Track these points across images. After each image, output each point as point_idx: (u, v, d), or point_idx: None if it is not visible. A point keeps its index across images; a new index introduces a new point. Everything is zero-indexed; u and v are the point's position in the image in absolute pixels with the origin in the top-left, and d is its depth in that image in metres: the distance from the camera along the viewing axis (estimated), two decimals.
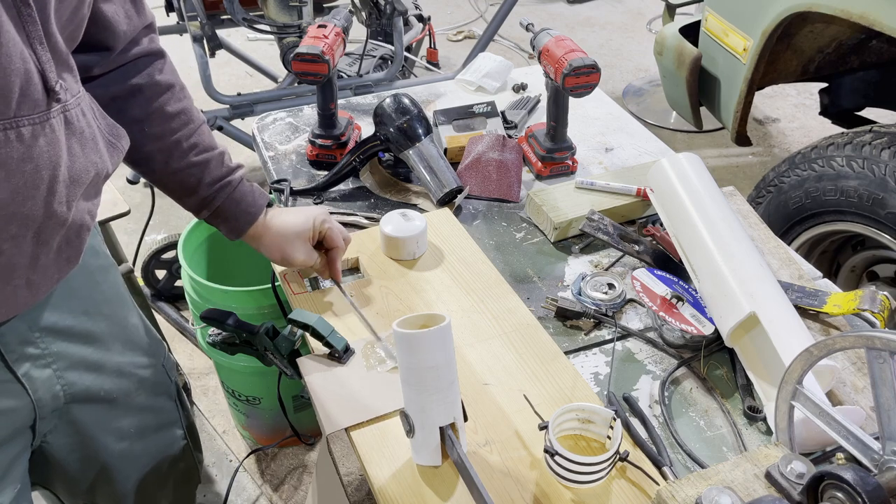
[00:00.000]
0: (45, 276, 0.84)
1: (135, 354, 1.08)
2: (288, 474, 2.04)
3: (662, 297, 1.10)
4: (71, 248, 0.86)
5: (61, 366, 0.95)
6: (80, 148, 0.81)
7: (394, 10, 2.51)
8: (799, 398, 0.81)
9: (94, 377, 1.01)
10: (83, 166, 0.82)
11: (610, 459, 0.85)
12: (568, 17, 4.67)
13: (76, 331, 0.97)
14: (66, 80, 0.78)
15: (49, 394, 0.95)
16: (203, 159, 1.03)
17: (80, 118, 0.81)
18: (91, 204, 0.88)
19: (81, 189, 0.83)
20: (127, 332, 1.07)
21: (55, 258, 0.84)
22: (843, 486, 0.67)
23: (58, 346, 0.94)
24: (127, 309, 1.08)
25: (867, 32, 2.18)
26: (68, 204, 0.81)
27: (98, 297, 1.01)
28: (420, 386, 0.84)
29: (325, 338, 1.00)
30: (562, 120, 1.45)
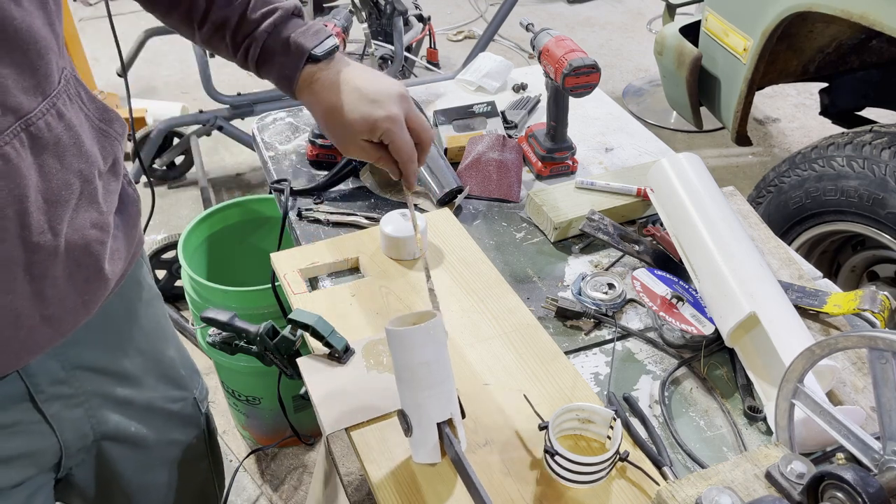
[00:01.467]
0: (64, 307, 0.78)
1: (167, 388, 1.03)
2: (288, 474, 2.04)
3: (662, 297, 1.10)
4: (84, 269, 0.79)
5: (93, 405, 0.91)
6: (57, 161, 0.73)
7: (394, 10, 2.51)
8: (799, 396, 0.81)
9: (124, 414, 0.96)
10: (63, 181, 0.73)
11: (610, 459, 0.85)
12: (568, 17, 4.67)
13: (111, 368, 0.92)
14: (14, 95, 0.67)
15: (77, 434, 0.90)
16: (221, 17, 0.91)
17: (52, 125, 0.72)
18: (94, 213, 0.79)
19: (69, 207, 0.75)
20: (162, 367, 1.02)
21: (68, 285, 0.77)
22: (843, 486, 0.67)
23: (92, 384, 0.89)
24: (165, 342, 1.03)
25: (867, 32, 2.18)
26: (53, 230, 0.73)
27: (136, 333, 0.95)
28: (413, 382, 0.84)
29: (325, 338, 0.99)
30: (562, 120, 1.45)
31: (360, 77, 0.91)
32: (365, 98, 0.90)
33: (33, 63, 0.68)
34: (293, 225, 1.36)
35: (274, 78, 0.93)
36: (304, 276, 1.20)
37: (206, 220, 1.95)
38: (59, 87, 0.73)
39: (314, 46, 0.90)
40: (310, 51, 0.90)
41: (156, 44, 3.17)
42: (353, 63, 0.93)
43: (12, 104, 0.66)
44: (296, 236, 1.35)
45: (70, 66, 0.77)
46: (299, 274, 1.19)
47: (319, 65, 0.91)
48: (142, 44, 3.01)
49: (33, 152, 0.69)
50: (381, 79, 0.92)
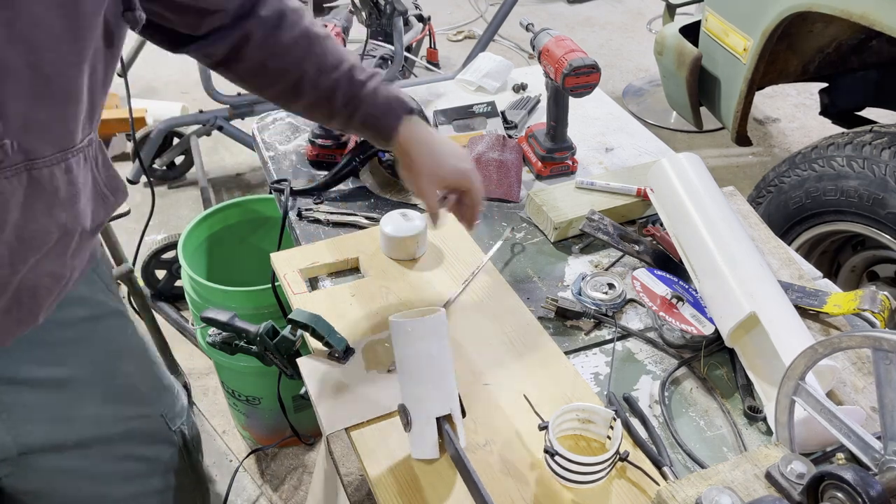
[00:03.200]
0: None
1: (120, 405, 1.01)
2: (288, 474, 2.04)
3: (662, 297, 1.10)
4: (23, 309, 0.80)
5: (15, 416, 0.89)
6: (46, 208, 0.75)
7: (394, 10, 2.51)
8: (801, 394, 0.81)
9: (61, 427, 0.94)
10: (42, 227, 0.75)
11: (610, 459, 0.85)
12: (568, 17, 4.67)
13: (42, 381, 0.90)
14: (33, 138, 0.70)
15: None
16: (332, 81, 1.00)
17: (56, 176, 0.74)
18: (57, 266, 0.81)
19: (37, 252, 0.76)
20: (113, 383, 1.00)
21: (2, 320, 0.78)
22: (843, 486, 0.67)
23: (11, 396, 0.88)
24: (119, 359, 1.01)
25: (867, 32, 2.18)
26: (12, 267, 0.74)
27: (79, 348, 0.94)
28: (415, 375, 0.85)
29: (325, 338, 0.99)
30: (562, 120, 1.45)
31: (439, 137, 1.08)
32: (453, 155, 1.07)
33: (64, 120, 0.73)
34: (293, 225, 1.36)
35: (372, 132, 1.06)
36: (304, 276, 1.20)
37: (206, 220, 1.95)
38: (80, 145, 0.77)
39: (409, 103, 1.05)
40: (409, 107, 1.05)
41: None
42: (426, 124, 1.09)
43: (28, 146, 0.69)
44: (296, 236, 1.35)
45: (96, 133, 0.82)
46: (299, 274, 1.19)
47: (413, 120, 1.05)
48: (142, 44, 3.01)
49: (26, 192, 0.72)
50: (452, 142, 1.11)
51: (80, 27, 0.68)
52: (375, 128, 1.04)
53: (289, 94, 1.03)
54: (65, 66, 0.69)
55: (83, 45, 0.69)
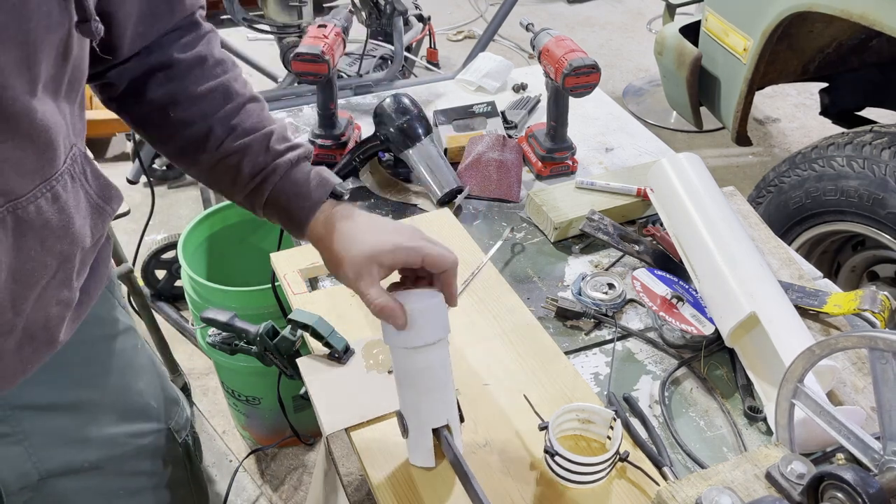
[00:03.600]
0: (4, 375, 0.76)
1: (133, 423, 0.99)
2: (288, 474, 2.04)
3: (662, 297, 1.10)
4: (37, 341, 0.77)
5: (35, 442, 0.87)
6: (39, 243, 0.70)
7: (394, 9, 2.51)
8: (800, 397, 0.81)
9: (78, 450, 0.92)
10: (39, 262, 0.71)
11: (610, 460, 0.84)
12: (568, 17, 4.67)
13: (60, 405, 0.88)
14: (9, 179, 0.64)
15: (16, 472, 0.87)
16: (241, 145, 0.83)
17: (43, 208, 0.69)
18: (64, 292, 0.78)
19: (38, 286, 0.73)
20: (127, 401, 0.98)
21: (15, 356, 0.76)
22: (843, 486, 0.67)
23: (32, 422, 0.86)
24: (132, 375, 0.98)
25: (867, 32, 2.17)
26: (15, 309, 0.71)
27: (96, 369, 0.92)
28: (413, 386, 0.83)
29: (325, 338, 0.99)
30: (562, 120, 1.45)
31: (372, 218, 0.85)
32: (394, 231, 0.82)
33: (39, 150, 0.67)
34: None
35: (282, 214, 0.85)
36: (304, 276, 1.20)
37: (206, 220, 1.95)
38: (63, 167, 0.71)
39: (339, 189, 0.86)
40: (336, 189, 0.85)
41: None
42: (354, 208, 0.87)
43: (6, 189, 0.64)
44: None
45: (81, 143, 0.75)
46: (299, 274, 1.19)
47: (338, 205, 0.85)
48: None
49: (14, 234, 0.68)
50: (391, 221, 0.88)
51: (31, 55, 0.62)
52: (286, 209, 0.84)
53: (188, 152, 0.85)
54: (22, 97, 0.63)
55: (37, 72, 0.63)
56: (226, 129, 0.83)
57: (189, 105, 0.83)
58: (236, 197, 0.87)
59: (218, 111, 0.83)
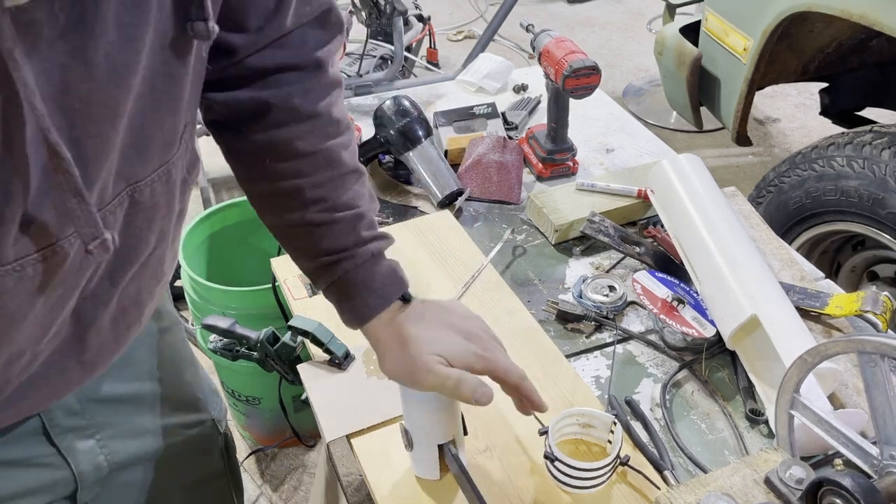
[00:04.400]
0: (101, 354, 0.76)
1: (183, 414, 1.00)
2: (288, 475, 2.04)
3: (663, 299, 1.10)
4: (128, 316, 0.77)
5: (105, 435, 0.88)
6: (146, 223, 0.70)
7: (394, 9, 2.51)
8: (797, 407, 0.81)
9: (139, 442, 0.94)
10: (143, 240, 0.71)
11: (610, 464, 0.84)
12: (568, 17, 4.66)
13: (126, 398, 0.90)
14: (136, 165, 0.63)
15: (92, 465, 0.88)
16: (327, 220, 0.78)
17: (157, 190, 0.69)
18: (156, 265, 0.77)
19: (138, 262, 0.73)
20: (178, 393, 0.99)
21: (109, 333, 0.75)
22: (841, 492, 0.67)
23: (103, 415, 0.87)
24: (182, 368, 1.01)
25: (867, 32, 2.17)
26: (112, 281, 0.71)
27: (154, 362, 0.93)
28: (418, 404, 0.81)
29: (326, 344, 0.99)
30: (562, 121, 1.45)
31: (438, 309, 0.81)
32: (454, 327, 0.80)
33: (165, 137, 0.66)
34: None
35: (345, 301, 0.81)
36: (305, 281, 1.20)
37: (206, 220, 1.95)
38: (179, 148, 0.70)
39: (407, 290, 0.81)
40: (406, 291, 0.81)
41: None
42: None
43: (127, 174, 0.64)
44: None
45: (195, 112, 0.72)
46: (299, 279, 1.19)
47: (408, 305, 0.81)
48: None
49: (126, 215, 0.66)
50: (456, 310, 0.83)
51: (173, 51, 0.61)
52: (350, 297, 0.80)
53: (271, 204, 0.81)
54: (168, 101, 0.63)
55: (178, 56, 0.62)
56: (317, 197, 0.78)
57: (287, 159, 0.77)
58: (302, 263, 0.83)
59: (313, 175, 0.78)
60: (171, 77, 0.63)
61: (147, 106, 0.61)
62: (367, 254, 0.79)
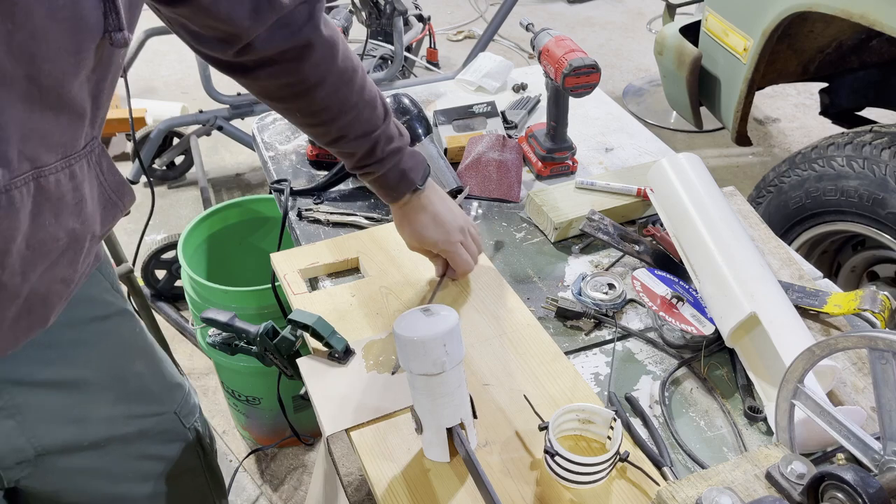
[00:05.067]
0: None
1: (132, 404, 1.01)
2: (288, 474, 2.04)
3: (663, 297, 1.10)
4: (33, 315, 0.81)
5: (29, 418, 0.90)
6: (54, 216, 0.75)
7: (394, 9, 2.51)
8: (800, 397, 0.81)
9: (75, 428, 0.95)
10: (52, 235, 0.76)
11: (610, 460, 0.84)
12: (568, 17, 4.67)
13: (51, 382, 0.91)
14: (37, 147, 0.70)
15: (10, 446, 0.89)
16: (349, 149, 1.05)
17: (62, 182, 0.74)
18: (69, 271, 0.82)
19: (48, 259, 0.77)
20: (124, 383, 1.00)
21: (10, 328, 0.79)
22: (843, 486, 0.67)
23: (24, 398, 0.89)
24: (127, 359, 1.01)
25: (867, 32, 2.18)
26: (23, 275, 0.75)
27: (86, 350, 0.95)
28: (426, 389, 0.83)
29: (325, 338, 0.99)
30: (562, 120, 1.45)
31: (437, 204, 1.13)
32: (438, 224, 1.12)
33: (65, 127, 0.73)
34: (293, 225, 1.36)
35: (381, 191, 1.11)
36: (304, 276, 1.20)
37: (206, 220, 1.95)
38: (82, 151, 0.77)
39: (419, 179, 1.10)
40: (416, 184, 1.10)
41: (155, 44, 3.17)
42: (434, 188, 1.14)
43: (33, 155, 0.70)
44: (296, 236, 1.35)
45: (100, 139, 0.82)
46: (299, 274, 1.19)
47: (416, 192, 1.11)
48: (141, 44, 3.01)
49: (35, 202, 0.72)
50: (452, 210, 1.14)
51: (81, 41, 0.67)
52: (384, 188, 1.10)
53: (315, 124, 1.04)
54: (64, 77, 0.68)
55: (83, 56, 0.69)
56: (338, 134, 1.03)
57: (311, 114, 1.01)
58: (342, 158, 1.10)
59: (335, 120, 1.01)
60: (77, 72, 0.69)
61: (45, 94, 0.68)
62: (384, 167, 1.08)
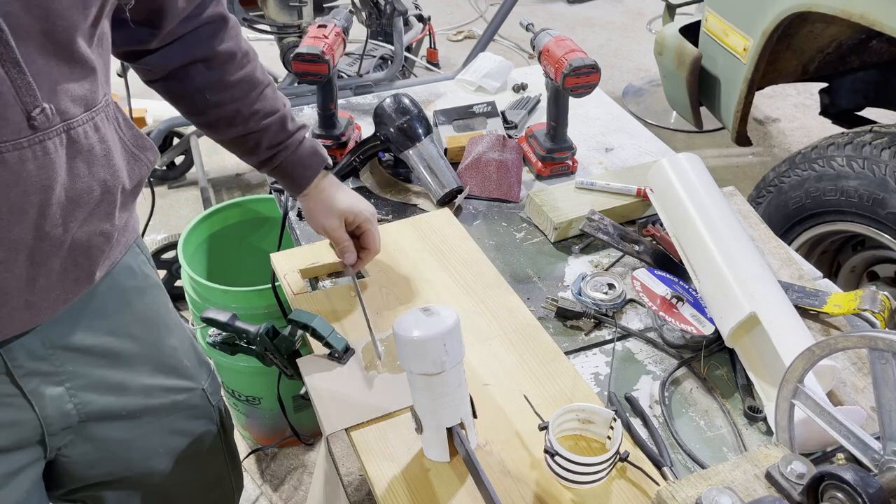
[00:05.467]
0: (47, 298, 0.82)
1: (168, 378, 1.04)
2: (288, 474, 2.04)
3: (662, 297, 1.10)
4: (79, 269, 0.84)
5: (76, 384, 0.92)
6: (87, 166, 0.79)
7: (394, 10, 2.51)
8: (800, 397, 0.81)
9: (116, 397, 0.97)
10: (87, 186, 0.80)
11: (610, 460, 0.84)
12: (568, 17, 4.67)
13: (97, 350, 0.93)
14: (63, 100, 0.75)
15: (58, 411, 0.91)
16: (263, 126, 1.06)
17: (89, 134, 0.79)
18: (106, 224, 0.85)
19: (85, 210, 0.81)
20: (161, 355, 1.03)
21: (59, 280, 0.82)
22: (843, 486, 0.67)
23: (74, 364, 0.91)
24: (164, 332, 1.04)
25: (867, 32, 2.18)
26: (65, 226, 0.79)
27: (128, 319, 0.97)
28: (426, 389, 0.83)
29: (325, 338, 0.99)
30: (562, 120, 1.45)
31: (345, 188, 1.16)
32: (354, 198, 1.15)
33: (82, 81, 0.78)
34: (293, 225, 1.36)
35: (287, 179, 1.12)
36: (305, 276, 1.20)
37: (206, 220, 1.95)
38: (101, 106, 0.82)
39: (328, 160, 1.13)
40: (327, 162, 1.13)
41: None
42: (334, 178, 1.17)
43: (61, 108, 0.75)
44: (296, 236, 1.35)
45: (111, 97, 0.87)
46: (299, 274, 1.19)
47: (326, 175, 1.13)
48: None
49: (68, 153, 0.77)
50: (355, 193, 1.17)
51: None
52: (291, 176, 1.11)
53: (216, 126, 1.07)
54: (76, 31, 0.74)
55: (89, 12, 0.75)
56: (250, 111, 1.05)
57: (223, 91, 1.02)
58: (249, 160, 1.11)
59: (245, 97, 1.04)
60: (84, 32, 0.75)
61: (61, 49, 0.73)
62: (296, 142, 1.10)
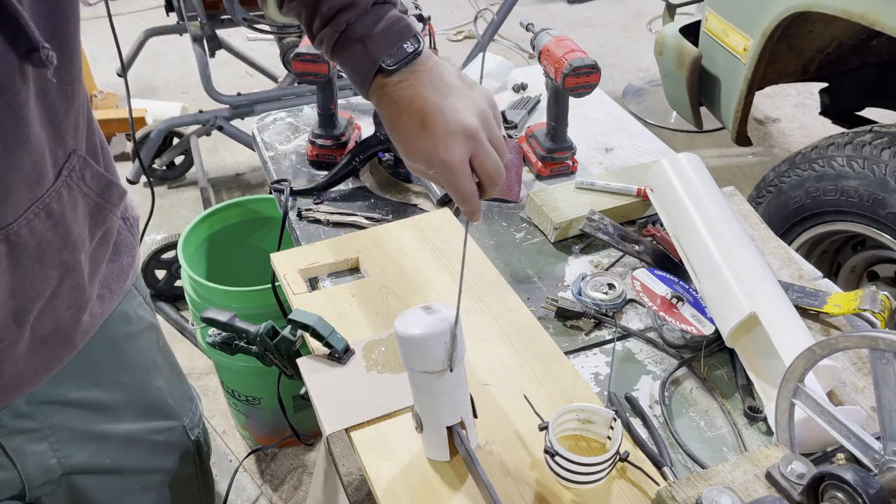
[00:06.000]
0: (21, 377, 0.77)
1: (150, 420, 1.00)
2: (288, 474, 2.04)
3: (662, 297, 1.10)
4: (51, 344, 0.78)
5: (60, 438, 0.88)
6: (36, 260, 0.69)
7: None
8: (800, 396, 0.81)
9: (98, 447, 0.93)
10: (39, 277, 0.70)
11: (610, 460, 0.84)
12: (568, 17, 4.67)
13: (84, 402, 0.89)
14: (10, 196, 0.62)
15: (41, 468, 0.88)
16: None
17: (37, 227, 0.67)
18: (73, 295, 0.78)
19: (41, 300, 0.73)
20: (146, 398, 0.99)
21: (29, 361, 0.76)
22: (843, 486, 0.67)
23: (58, 418, 0.87)
24: (153, 373, 1.00)
25: (867, 32, 2.18)
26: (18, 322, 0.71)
27: (117, 367, 0.93)
28: (426, 388, 0.83)
29: (325, 338, 0.99)
30: (562, 120, 1.45)
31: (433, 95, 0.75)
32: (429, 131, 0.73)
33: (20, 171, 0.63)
34: (293, 225, 1.36)
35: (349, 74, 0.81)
36: (304, 276, 1.20)
37: (206, 220, 1.95)
38: (58, 182, 0.69)
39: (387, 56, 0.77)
40: (380, 63, 0.77)
41: (155, 44, 3.17)
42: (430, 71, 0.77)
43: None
44: (296, 236, 1.35)
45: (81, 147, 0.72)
46: (299, 274, 1.19)
47: (392, 77, 0.76)
48: (142, 44, 3.01)
49: (9, 257, 0.66)
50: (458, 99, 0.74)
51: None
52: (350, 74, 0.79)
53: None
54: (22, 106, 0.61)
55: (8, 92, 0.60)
56: None
57: None
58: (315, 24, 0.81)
59: None
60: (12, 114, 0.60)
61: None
62: (366, 5, 0.76)
